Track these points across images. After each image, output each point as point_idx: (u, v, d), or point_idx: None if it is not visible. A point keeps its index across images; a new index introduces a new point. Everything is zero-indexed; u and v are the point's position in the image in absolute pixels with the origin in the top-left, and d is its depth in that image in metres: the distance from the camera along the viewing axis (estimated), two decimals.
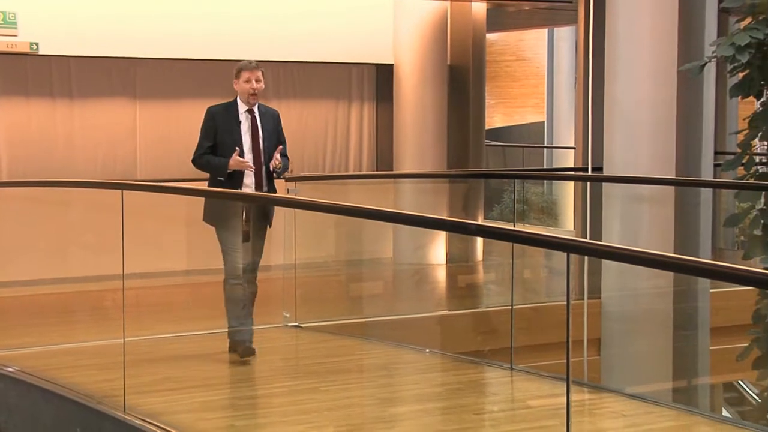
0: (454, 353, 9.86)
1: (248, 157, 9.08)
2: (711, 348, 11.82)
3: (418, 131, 15.17)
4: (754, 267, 10.29)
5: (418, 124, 15.20)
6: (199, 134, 9.27)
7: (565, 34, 24.15)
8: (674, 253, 11.19)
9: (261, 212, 9.41)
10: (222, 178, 9.04)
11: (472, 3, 16.08)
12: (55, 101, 13.61)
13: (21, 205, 11.95)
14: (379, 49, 15.47)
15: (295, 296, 10.65)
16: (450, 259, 14.48)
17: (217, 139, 9.11)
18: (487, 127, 17.84)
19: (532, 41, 25.92)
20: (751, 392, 14.45)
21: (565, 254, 5.85)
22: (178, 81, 14.28)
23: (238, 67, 9.26)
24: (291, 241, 10.75)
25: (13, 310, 10.85)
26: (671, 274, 10.81)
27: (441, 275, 14.10)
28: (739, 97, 11.31)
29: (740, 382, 14.90)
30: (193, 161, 9.24)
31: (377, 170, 15.35)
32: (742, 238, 11.13)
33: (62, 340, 9.84)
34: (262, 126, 9.27)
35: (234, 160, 8.95)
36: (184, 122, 14.22)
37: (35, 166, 13.22)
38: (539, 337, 9.07)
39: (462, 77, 16.02)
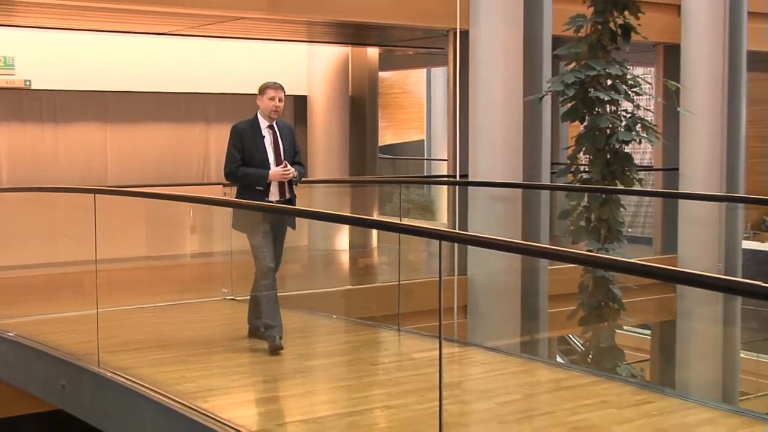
0: (355, 318, 9.89)
1: (273, 168, 8.01)
2: (549, 311, 11.98)
3: (327, 147, 15.19)
4: (580, 249, 10.50)
5: (326, 141, 15.21)
6: (227, 150, 8.15)
7: (439, 73, 24.17)
8: (522, 240, 11.35)
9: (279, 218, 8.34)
10: (261, 188, 7.98)
11: (368, 49, 16.12)
12: (44, 125, 13.49)
13: (17, 206, 11.84)
14: (296, 84, 15.45)
15: (232, 276, 10.62)
16: (352, 246, 14.50)
17: (244, 153, 8.02)
18: (380, 144, 17.85)
19: (415, 78, 25.96)
20: (577, 343, 14.66)
21: (437, 241, 5.91)
22: (140, 109, 14.19)
23: (263, 86, 8.19)
24: (228, 234, 10.71)
25: (11, 288, 10.69)
26: (520, 256, 11.00)
27: (345, 258, 14.13)
28: (568, 121, 11.50)
29: (570, 336, 15.12)
30: (228, 174, 8.12)
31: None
32: (572, 227, 11.23)
33: (50, 311, 9.73)
34: (282, 139, 8.15)
35: (275, 172, 7.96)
36: (144, 141, 14.20)
37: (29, 175, 13.12)
38: (420, 305, 9.09)
39: (360, 105, 16.05)
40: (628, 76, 11.12)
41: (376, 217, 13.86)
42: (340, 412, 6.67)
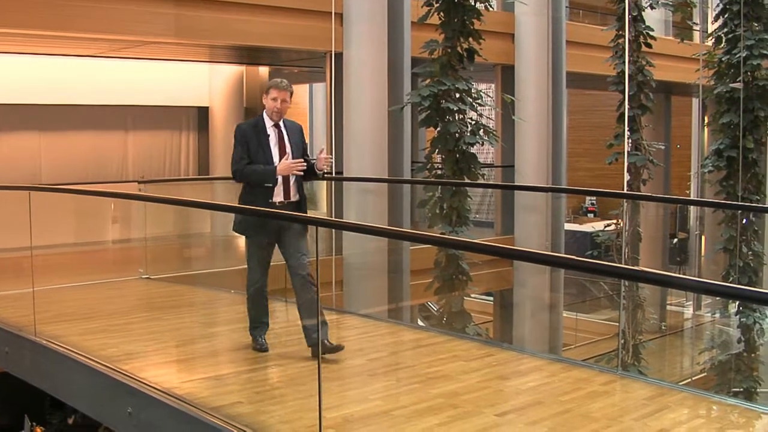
0: None
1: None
2: (411, 283, 12.07)
3: (226, 151, 14.86)
4: (435, 233, 10.62)
5: (225, 146, 15.02)
6: (233, 150, 6.80)
7: (319, 88, 24.06)
8: (389, 226, 11.44)
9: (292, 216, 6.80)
10: (270, 185, 6.65)
11: (260, 67, 16.03)
12: None
13: None
14: (200, 98, 15.33)
15: (146, 258, 10.49)
16: None
17: (249, 153, 6.70)
18: None
19: (299, 92, 25.79)
20: (434, 308, 14.81)
21: (315, 227, 5.91)
22: (68, 119, 13.91)
23: (268, 85, 6.83)
24: (143, 222, 10.58)
25: None
26: (386, 238, 11.08)
27: (241, 242, 13.90)
28: (425, 127, 11.61)
29: (428, 303, 15.26)
30: (236, 172, 6.74)
31: (199, 175, 15.19)
32: (429, 214, 11.36)
33: None
34: (288, 138, 6.81)
35: (283, 164, 6.63)
36: (72, 145, 13.93)
37: None
38: None
39: (253, 115, 15.88)
40: (473, 91, 11.28)
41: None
42: (239, 370, 6.66)
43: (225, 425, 5.23)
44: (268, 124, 6.78)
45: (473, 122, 11.29)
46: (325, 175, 7.13)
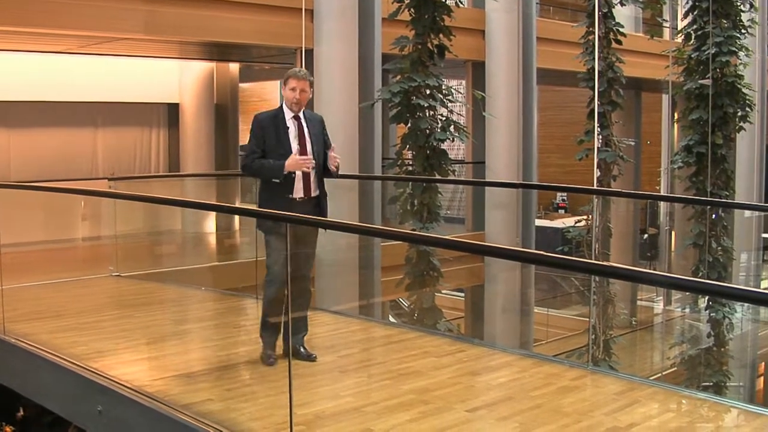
0: (221, 289, 9.80)
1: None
2: (382, 279, 12.07)
3: (196, 146, 15.02)
4: (407, 229, 10.63)
5: (195, 142, 15.05)
6: (248, 141, 6.44)
7: None
8: (360, 222, 11.44)
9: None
10: (278, 180, 6.28)
11: (230, 64, 15.99)
12: None
13: None
14: (170, 94, 15.27)
15: (117, 255, 10.43)
16: (218, 229, 14.33)
17: (266, 145, 6.32)
18: (240, 143, 17.66)
19: (270, 88, 25.77)
20: (405, 305, 14.84)
21: (285, 224, 5.89)
22: (37, 116, 13.83)
23: (287, 74, 6.44)
24: (113, 220, 10.51)
25: None
26: (357, 235, 11.08)
27: (212, 239, 13.94)
28: (395, 123, 11.62)
29: (399, 299, 15.29)
30: (245, 167, 6.42)
31: (169, 172, 15.13)
32: (399, 211, 11.38)
33: None
34: (309, 131, 6.43)
35: (292, 160, 6.24)
36: (41, 143, 13.86)
37: None
38: None
39: (224, 112, 15.90)
40: (443, 87, 11.29)
41: (238, 204, 13.75)
42: (210, 367, 6.65)
43: (196, 423, 5.22)
44: (288, 115, 6.42)
45: (444, 118, 11.31)
46: (339, 174, 6.74)
